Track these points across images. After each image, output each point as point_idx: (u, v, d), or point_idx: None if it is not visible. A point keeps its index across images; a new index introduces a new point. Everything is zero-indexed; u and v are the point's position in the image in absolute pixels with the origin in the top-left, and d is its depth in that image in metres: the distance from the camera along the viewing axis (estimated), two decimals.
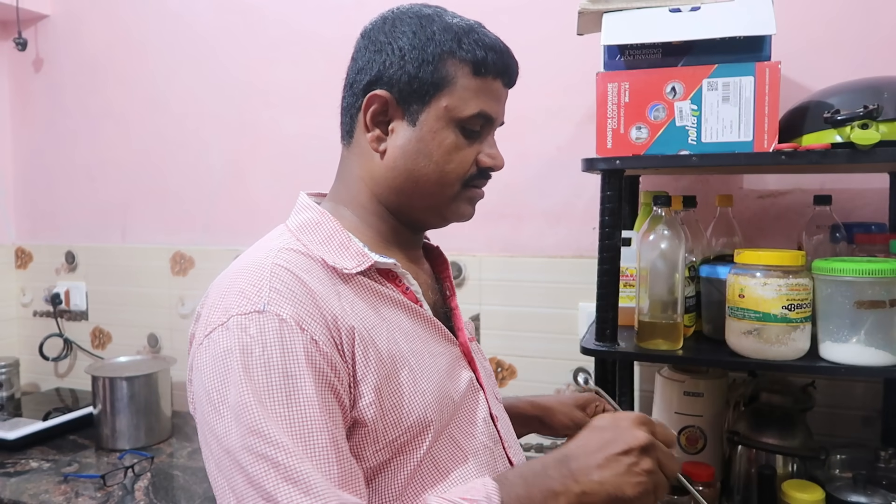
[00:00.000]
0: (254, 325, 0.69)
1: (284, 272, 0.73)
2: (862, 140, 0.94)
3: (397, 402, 0.74)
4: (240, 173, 1.93)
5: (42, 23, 2.14)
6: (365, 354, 0.73)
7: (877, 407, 1.33)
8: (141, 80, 2.02)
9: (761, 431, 1.15)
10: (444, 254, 0.97)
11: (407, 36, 0.80)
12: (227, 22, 1.90)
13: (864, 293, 0.96)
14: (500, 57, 0.81)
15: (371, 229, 0.85)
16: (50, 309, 2.16)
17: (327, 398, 0.68)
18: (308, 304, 0.71)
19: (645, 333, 1.09)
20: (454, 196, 0.83)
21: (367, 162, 0.84)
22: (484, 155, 0.83)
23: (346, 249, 0.80)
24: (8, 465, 1.59)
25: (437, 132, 0.80)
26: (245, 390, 0.66)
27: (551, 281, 1.60)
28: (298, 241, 0.80)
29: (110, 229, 2.10)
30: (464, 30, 0.80)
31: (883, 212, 1.32)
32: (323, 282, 0.75)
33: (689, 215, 1.24)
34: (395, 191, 0.83)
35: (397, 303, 0.81)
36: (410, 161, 0.81)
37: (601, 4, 1.10)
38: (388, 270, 0.82)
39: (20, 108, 2.21)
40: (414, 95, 0.79)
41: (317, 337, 0.70)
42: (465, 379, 0.85)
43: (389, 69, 0.80)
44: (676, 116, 1.04)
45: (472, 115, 0.80)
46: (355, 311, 0.75)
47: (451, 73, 0.79)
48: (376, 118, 0.82)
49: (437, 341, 0.84)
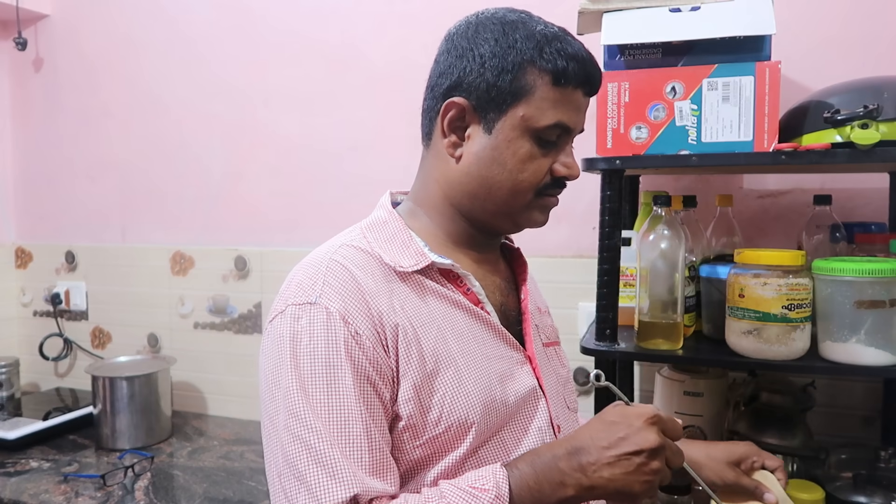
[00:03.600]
0: (305, 315, 0.74)
1: (339, 267, 0.77)
2: (862, 140, 0.94)
3: (439, 400, 0.76)
4: (239, 173, 1.93)
5: (42, 23, 2.14)
6: (407, 351, 0.76)
7: (877, 407, 1.33)
8: (140, 79, 2.02)
9: (761, 431, 1.15)
10: (525, 256, 0.97)
11: (489, 43, 0.79)
12: (227, 22, 1.90)
13: (864, 293, 0.96)
14: (581, 66, 0.79)
15: (441, 230, 0.86)
16: (50, 309, 2.16)
17: (365, 390, 0.73)
18: (356, 299, 0.75)
19: (645, 333, 1.09)
20: (527, 204, 0.83)
21: (442, 165, 0.84)
22: (559, 164, 0.82)
23: (407, 248, 0.82)
24: (8, 465, 1.59)
25: (512, 141, 0.80)
26: (291, 376, 0.72)
27: (551, 281, 1.60)
28: (364, 238, 0.83)
29: (110, 229, 2.10)
30: (547, 38, 0.78)
31: (883, 212, 1.32)
32: (377, 278, 0.78)
33: (689, 215, 1.24)
34: (468, 196, 0.83)
35: (455, 303, 0.82)
36: (485, 168, 0.81)
37: (601, 4, 1.10)
38: (448, 271, 0.83)
39: (20, 108, 2.21)
40: (491, 103, 0.79)
41: (360, 331, 0.74)
42: (526, 385, 0.83)
43: (469, 76, 0.80)
44: (676, 116, 1.04)
45: (548, 125, 0.79)
46: (405, 309, 0.77)
47: (530, 83, 0.78)
48: (453, 124, 0.82)
49: (495, 344, 0.83)
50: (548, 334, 0.96)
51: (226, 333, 1.94)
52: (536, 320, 0.93)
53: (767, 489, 0.93)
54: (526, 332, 0.89)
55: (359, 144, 1.77)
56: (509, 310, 0.89)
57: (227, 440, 1.77)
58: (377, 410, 0.73)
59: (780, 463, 0.97)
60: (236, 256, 1.92)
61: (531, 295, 0.95)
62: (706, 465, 0.95)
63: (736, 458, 0.96)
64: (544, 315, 1.00)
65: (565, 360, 1.00)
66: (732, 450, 0.97)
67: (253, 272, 1.91)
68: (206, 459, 1.63)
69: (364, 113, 1.77)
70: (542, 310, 1.00)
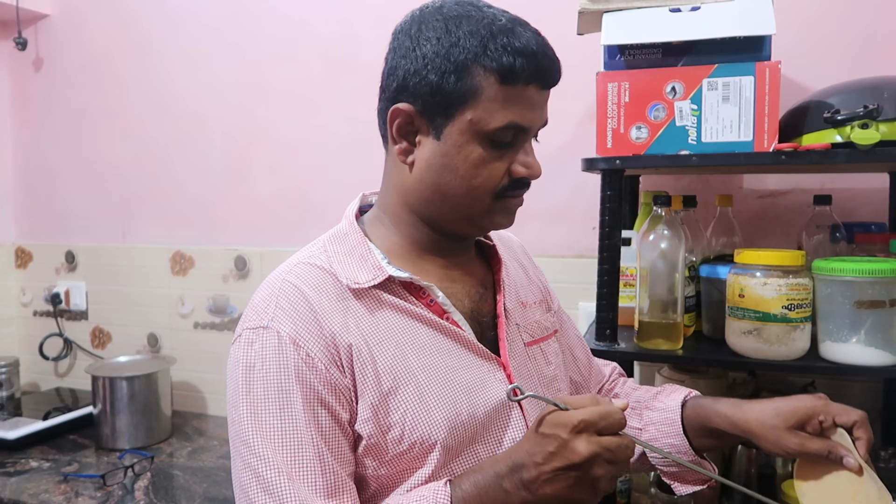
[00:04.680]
0: (259, 340, 0.74)
1: (291, 289, 0.76)
2: (862, 140, 0.94)
3: (399, 418, 0.74)
4: (240, 173, 1.93)
5: (42, 22, 2.14)
6: (362, 371, 0.74)
7: (877, 407, 1.33)
8: (141, 79, 2.02)
9: None
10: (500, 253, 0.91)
11: (430, 42, 0.74)
12: (227, 22, 1.90)
13: (864, 293, 0.96)
14: (531, 60, 0.73)
15: (404, 238, 0.83)
16: (50, 309, 2.16)
17: (318, 413, 0.72)
18: (308, 320, 0.74)
19: (645, 333, 1.09)
20: (486, 209, 0.79)
21: (399, 171, 0.81)
22: (518, 165, 0.78)
23: (365, 262, 0.79)
24: (8, 465, 1.59)
25: (462, 146, 0.75)
26: (243, 403, 0.73)
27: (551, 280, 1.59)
28: (325, 252, 0.81)
29: (110, 229, 2.10)
30: (492, 33, 0.73)
31: (883, 212, 1.32)
32: (331, 297, 0.76)
33: (689, 215, 1.24)
34: (425, 203, 0.80)
35: (416, 316, 0.78)
36: (437, 175, 0.77)
37: (601, 4, 1.10)
38: (410, 283, 0.79)
39: (20, 108, 2.21)
40: (437, 108, 0.75)
41: (312, 353, 0.73)
42: (497, 395, 0.80)
43: (413, 78, 0.75)
44: (676, 116, 1.04)
45: (499, 127, 0.74)
46: (360, 327, 0.75)
47: (476, 84, 0.73)
48: (402, 130, 0.78)
49: (462, 355, 0.80)
50: (532, 332, 0.91)
51: (226, 333, 1.94)
52: (518, 318, 0.89)
53: (846, 451, 0.78)
54: (500, 336, 0.85)
55: (359, 144, 1.77)
56: (482, 315, 0.85)
57: (227, 440, 1.76)
58: (331, 433, 0.72)
59: (859, 417, 0.79)
60: (236, 256, 1.92)
61: (514, 289, 0.91)
62: (762, 434, 0.82)
63: (797, 421, 0.81)
64: (532, 308, 0.94)
65: (553, 355, 0.93)
66: (792, 410, 0.81)
67: (253, 272, 1.91)
68: (206, 459, 1.63)
69: (364, 112, 1.77)
70: (527, 303, 0.94)
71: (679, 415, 0.90)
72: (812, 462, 0.81)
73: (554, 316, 0.98)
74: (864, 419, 0.80)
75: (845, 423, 0.80)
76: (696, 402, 0.91)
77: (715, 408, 0.88)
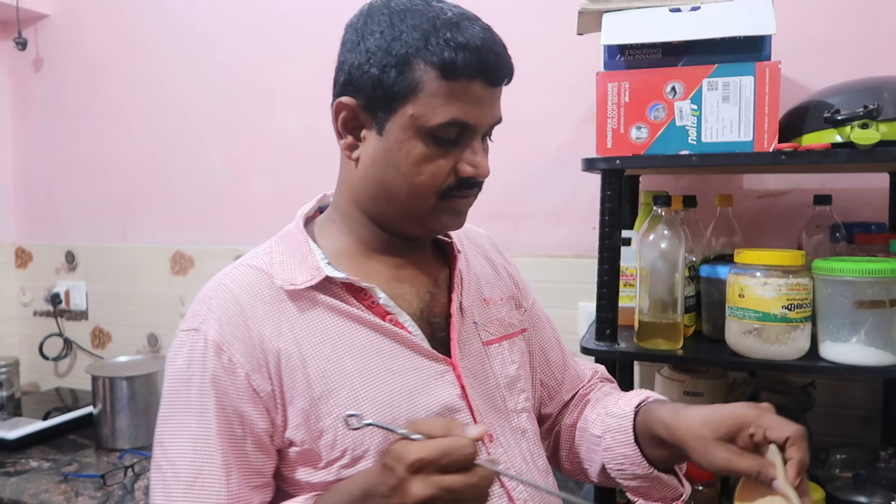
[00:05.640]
0: (189, 342, 0.74)
1: (224, 292, 0.76)
2: (862, 140, 0.94)
3: (332, 423, 0.72)
4: (240, 172, 1.93)
5: (42, 22, 2.14)
6: (291, 377, 0.73)
7: (877, 407, 1.33)
8: (141, 79, 2.02)
9: None
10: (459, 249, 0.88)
11: (374, 35, 0.73)
12: (227, 21, 1.90)
13: (864, 293, 0.96)
14: (475, 56, 0.71)
15: (353, 237, 0.82)
16: (50, 309, 2.16)
17: (231, 423, 0.72)
18: (236, 325, 0.73)
19: (645, 333, 1.09)
20: (431, 208, 0.76)
21: (347, 167, 0.80)
22: (464, 164, 0.75)
23: (304, 263, 0.77)
24: (8, 465, 1.59)
25: (404, 142, 0.73)
26: (166, 403, 0.75)
27: (551, 281, 1.60)
28: (269, 253, 0.80)
29: (110, 229, 2.10)
30: (436, 27, 0.71)
31: (883, 212, 1.32)
32: (265, 300, 0.75)
33: (689, 215, 1.24)
34: (370, 200, 0.79)
35: (355, 318, 0.76)
36: (380, 172, 0.76)
37: (601, 4, 1.10)
38: (351, 283, 0.77)
39: (20, 108, 2.21)
40: (379, 102, 0.73)
41: (235, 359, 0.72)
42: (443, 398, 0.77)
43: (357, 72, 0.74)
44: (676, 116, 1.04)
45: (441, 123, 0.72)
46: (294, 331, 0.74)
47: (416, 78, 0.71)
48: (347, 125, 0.77)
49: (406, 357, 0.77)
50: (493, 330, 0.87)
51: None
52: (477, 316, 0.86)
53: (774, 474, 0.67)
54: (451, 337, 0.82)
55: None
56: (434, 315, 0.82)
57: None
58: (243, 443, 0.72)
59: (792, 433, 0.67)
60: (236, 256, 1.91)
61: (475, 286, 0.88)
62: (690, 445, 0.74)
63: (726, 432, 0.71)
64: (496, 305, 0.90)
65: (518, 355, 0.89)
66: (722, 420, 0.72)
67: None
68: None
69: None
70: (491, 300, 0.90)
71: (632, 421, 0.83)
72: (752, 482, 0.70)
73: (524, 314, 0.95)
74: (799, 436, 0.68)
75: (776, 438, 0.68)
76: (647, 408, 0.83)
77: (659, 413, 0.79)
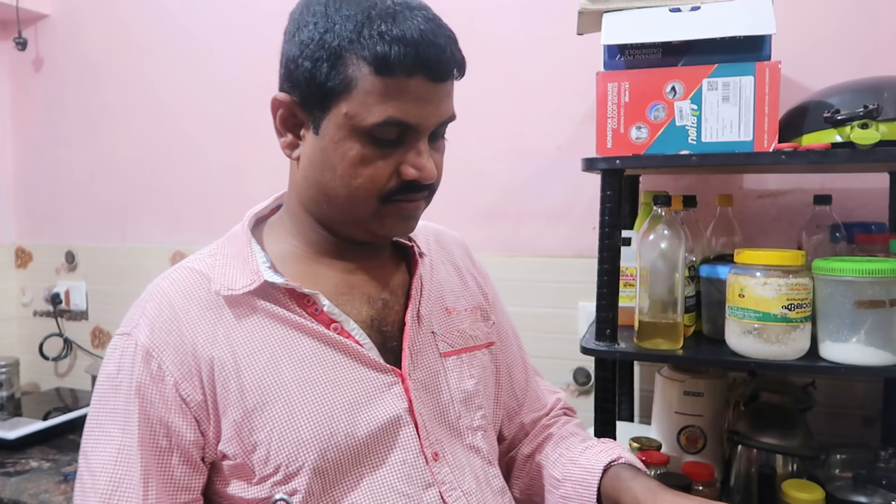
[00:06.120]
0: (121, 346, 0.72)
1: (160, 296, 0.73)
2: (862, 140, 0.94)
3: (265, 437, 0.68)
4: (240, 173, 1.93)
5: (42, 23, 2.14)
6: (225, 387, 0.69)
7: (877, 407, 1.33)
8: (141, 79, 2.02)
9: (761, 431, 1.15)
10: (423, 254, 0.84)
11: (309, 27, 0.68)
12: (227, 21, 1.90)
13: (864, 293, 0.96)
14: (411, 49, 0.65)
15: (302, 240, 0.78)
16: (50, 309, 2.16)
17: (156, 432, 0.69)
18: (169, 331, 0.70)
19: (645, 333, 1.09)
20: (373, 213, 0.72)
21: (292, 168, 0.77)
22: (407, 166, 0.70)
23: (244, 267, 0.73)
24: (8, 465, 1.59)
25: (340, 143, 0.68)
26: (93, 410, 0.72)
27: (551, 281, 1.60)
28: (212, 256, 0.77)
29: (110, 229, 2.10)
30: (370, 18, 0.66)
31: (883, 212, 1.32)
32: (202, 306, 0.72)
33: (689, 215, 1.24)
34: (313, 202, 0.75)
35: (297, 326, 0.72)
36: (318, 173, 0.71)
37: (601, 4, 1.10)
38: (294, 289, 0.73)
39: (20, 108, 2.21)
40: (313, 99, 0.69)
41: (165, 366, 0.69)
42: (387, 412, 0.73)
43: (292, 65, 0.70)
44: (676, 116, 1.04)
45: (377, 123, 0.67)
46: (230, 339, 0.70)
47: (350, 74, 0.66)
48: (286, 122, 0.73)
49: (350, 368, 0.72)
50: (453, 341, 0.83)
51: None
52: (436, 325, 0.82)
53: None
54: (403, 346, 0.77)
55: None
56: (386, 324, 0.78)
57: None
58: (168, 456, 0.69)
59: None
60: None
61: (437, 294, 0.84)
62: None
63: None
64: (459, 316, 0.86)
65: (478, 369, 0.84)
66: None
67: None
68: None
69: None
70: (454, 310, 0.86)
71: (598, 479, 0.81)
72: None
73: (492, 327, 0.91)
74: None
75: None
76: (617, 473, 0.81)
77: (630, 486, 0.78)
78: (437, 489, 0.74)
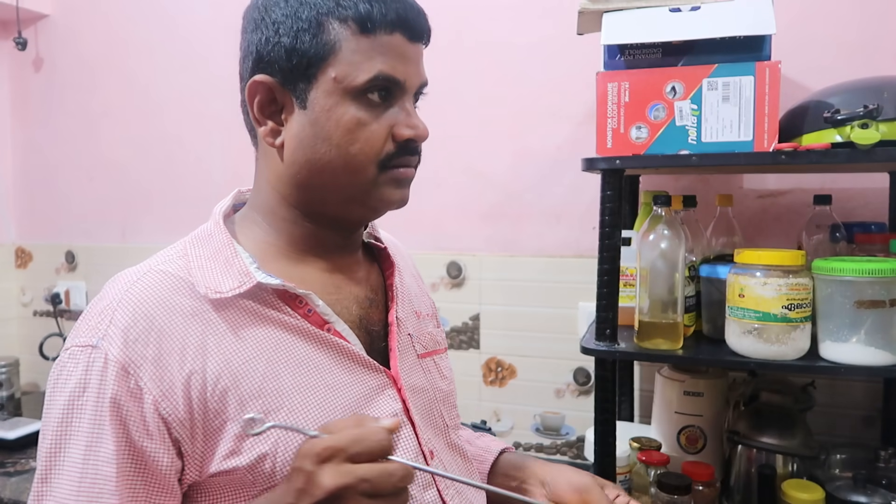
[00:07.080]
0: (84, 360, 0.64)
1: (132, 303, 0.66)
2: (862, 140, 0.94)
3: (270, 450, 0.65)
4: (240, 173, 1.92)
5: (42, 22, 2.14)
6: (222, 401, 0.65)
7: (877, 407, 1.33)
8: (140, 79, 2.02)
9: (761, 431, 1.15)
10: (393, 257, 0.84)
11: (279, 6, 0.69)
12: (226, 22, 1.90)
13: (864, 293, 0.96)
14: (390, 6, 0.67)
15: (282, 237, 0.75)
16: (50, 308, 2.16)
17: (131, 455, 0.63)
18: (147, 343, 0.64)
19: (645, 333, 1.09)
20: (372, 181, 0.70)
21: (270, 162, 0.74)
22: (401, 126, 0.70)
23: (230, 267, 0.69)
24: (8, 465, 1.59)
25: (332, 109, 0.68)
26: (52, 432, 0.64)
27: (551, 281, 1.60)
28: (185, 257, 0.72)
29: (110, 229, 2.10)
30: None
31: (883, 212, 1.33)
32: (185, 313, 0.66)
33: (689, 215, 1.24)
34: (303, 188, 0.72)
35: (292, 328, 0.70)
36: (309, 150, 0.69)
37: (601, 4, 1.10)
38: (284, 290, 0.70)
39: (20, 108, 2.21)
40: (297, 72, 0.68)
41: (145, 383, 0.63)
42: (386, 413, 0.73)
43: (266, 47, 0.70)
44: (676, 116, 1.04)
45: (368, 80, 0.67)
46: (222, 347, 0.66)
47: (333, 38, 0.67)
48: (265, 109, 0.72)
49: (346, 370, 0.71)
50: (426, 343, 0.83)
51: None
52: (411, 328, 0.82)
53: None
54: (391, 347, 0.77)
55: None
56: (372, 324, 0.77)
57: None
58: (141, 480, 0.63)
59: None
60: None
61: (406, 298, 0.84)
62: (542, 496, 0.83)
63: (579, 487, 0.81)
64: (425, 320, 0.87)
65: (447, 370, 0.87)
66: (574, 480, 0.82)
67: None
68: None
69: None
70: (421, 314, 0.87)
71: (494, 457, 0.93)
72: None
73: (443, 333, 0.93)
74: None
75: None
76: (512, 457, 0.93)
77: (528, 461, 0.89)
78: (435, 489, 0.75)
